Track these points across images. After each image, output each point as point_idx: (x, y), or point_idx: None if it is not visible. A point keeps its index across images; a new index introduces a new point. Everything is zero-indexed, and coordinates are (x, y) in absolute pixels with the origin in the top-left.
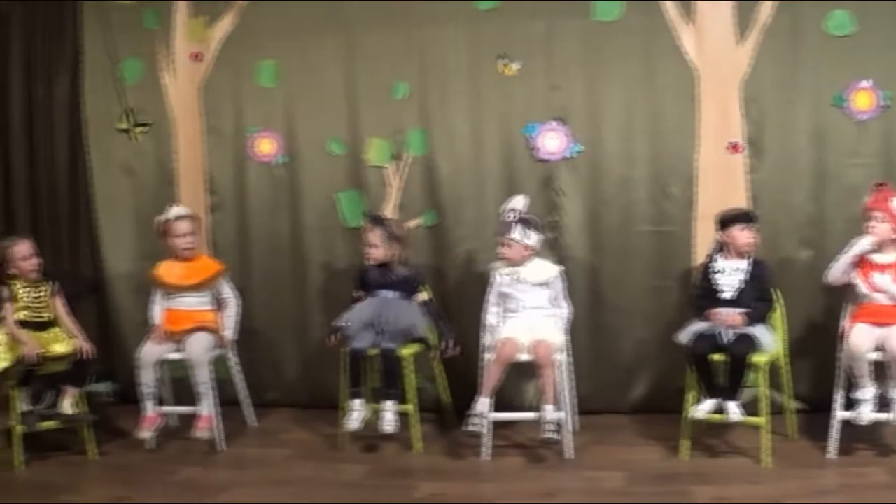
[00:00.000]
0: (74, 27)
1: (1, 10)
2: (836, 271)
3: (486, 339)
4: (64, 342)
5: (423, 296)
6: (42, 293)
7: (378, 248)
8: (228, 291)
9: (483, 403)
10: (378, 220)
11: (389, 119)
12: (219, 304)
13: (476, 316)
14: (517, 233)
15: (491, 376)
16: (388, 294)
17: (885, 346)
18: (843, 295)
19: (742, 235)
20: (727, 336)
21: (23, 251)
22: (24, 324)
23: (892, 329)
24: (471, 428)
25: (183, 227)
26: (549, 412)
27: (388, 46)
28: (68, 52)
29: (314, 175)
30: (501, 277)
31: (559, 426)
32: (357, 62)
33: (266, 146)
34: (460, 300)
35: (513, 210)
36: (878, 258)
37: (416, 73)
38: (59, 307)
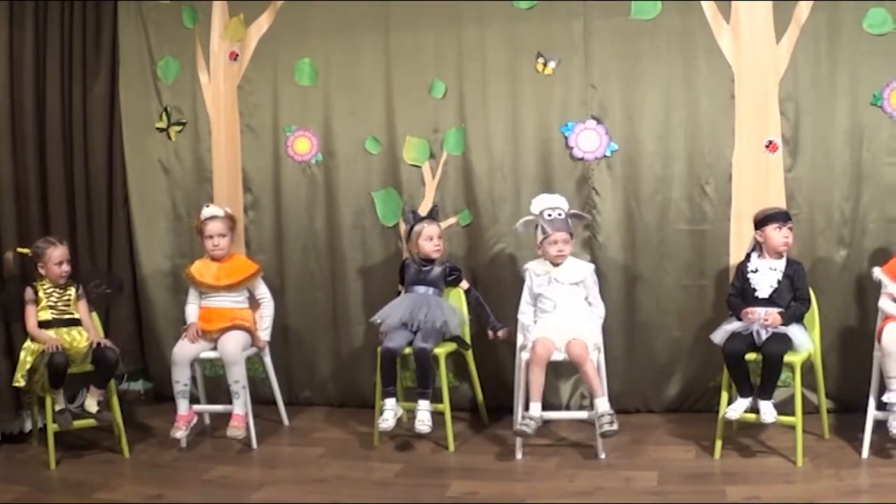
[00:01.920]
0: (112, 26)
1: (38, 9)
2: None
3: (520, 339)
4: (85, 338)
5: (465, 284)
6: (68, 296)
7: (440, 241)
8: (264, 291)
9: (535, 408)
10: (434, 216)
11: (426, 118)
12: (253, 303)
13: (510, 315)
14: (571, 228)
15: (535, 380)
16: (425, 291)
17: None
18: (879, 294)
19: (777, 235)
20: (762, 335)
21: (58, 256)
22: (48, 323)
23: None
24: (520, 428)
25: (212, 227)
26: (602, 405)
27: (425, 45)
28: (106, 51)
29: (350, 174)
30: (535, 277)
31: (614, 418)
32: (394, 61)
33: (302, 145)
34: (494, 299)
35: (555, 208)
36: None
37: (454, 72)
38: (83, 311)
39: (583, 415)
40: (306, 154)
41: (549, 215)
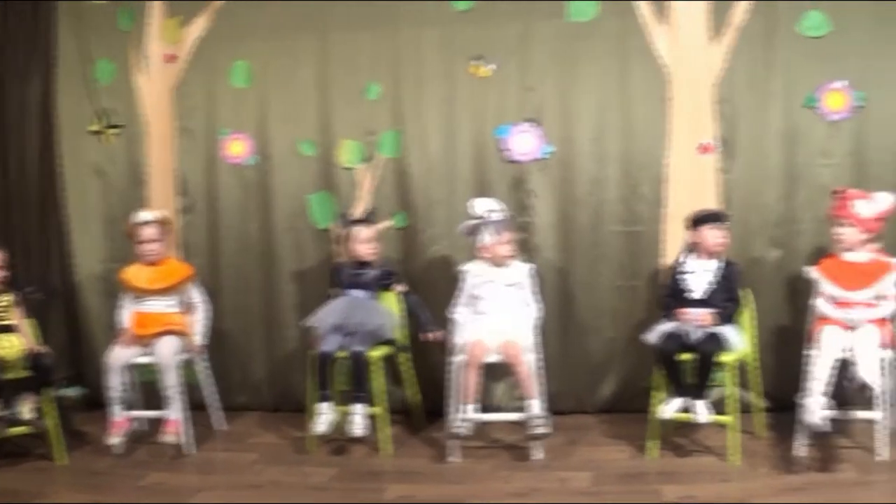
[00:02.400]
0: (48, 28)
1: None
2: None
3: (455, 341)
4: (20, 345)
5: (401, 287)
6: (5, 302)
7: (374, 244)
8: (197, 296)
9: (470, 409)
10: (368, 219)
11: (361, 120)
12: (187, 307)
13: (446, 317)
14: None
15: (469, 383)
16: (359, 294)
17: (853, 348)
18: (813, 294)
19: (711, 235)
20: (695, 335)
21: None
22: None
23: (860, 332)
24: (455, 430)
25: (147, 232)
26: (534, 407)
27: (361, 47)
28: (41, 53)
29: (285, 177)
30: (473, 278)
31: (545, 420)
32: (330, 63)
33: (238, 148)
34: (430, 301)
35: (496, 210)
36: (850, 256)
37: (390, 75)
38: (18, 317)
39: (516, 416)
40: (241, 157)
41: (495, 217)
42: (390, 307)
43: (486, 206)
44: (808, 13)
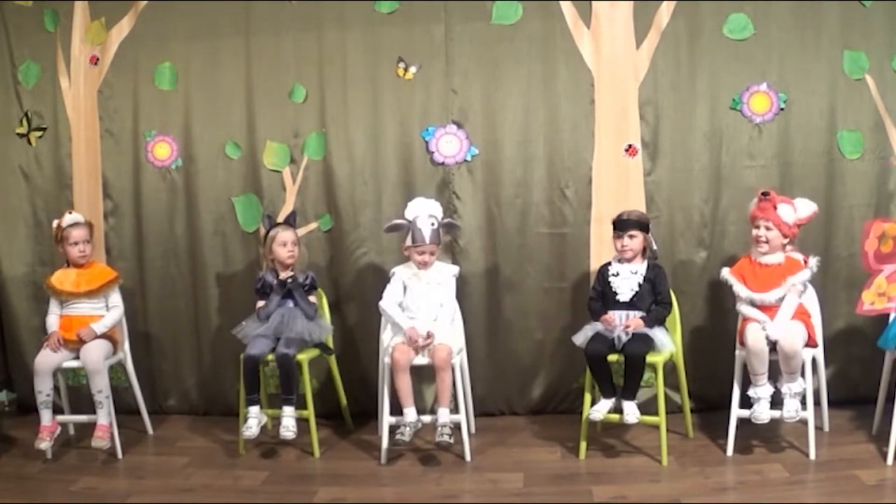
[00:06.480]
0: None
1: None
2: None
3: (384, 340)
4: None
5: (313, 300)
6: None
7: (296, 248)
8: (116, 300)
9: (409, 413)
10: (290, 222)
11: (287, 122)
12: (109, 311)
13: (373, 320)
14: (441, 238)
15: (402, 387)
16: (287, 302)
17: (777, 344)
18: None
19: (616, 244)
20: (622, 339)
21: None
22: None
23: (784, 328)
24: (398, 436)
25: (76, 234)
26: (444, 415)
27: (286, 49)
28: None
29: (210, 179)
30: (403, 280)
31: (453, 429)
32: (255, 65)
33: (162, 150)
34: (356, 303)
35: (430, 216)
36: (764, 259)
37: (315, 77)
38: None
39: (455, 417)
40: (166, 159)
41: (422, 224)
42: (319, 310)
43: (418, 211)
44: (730, 16)
